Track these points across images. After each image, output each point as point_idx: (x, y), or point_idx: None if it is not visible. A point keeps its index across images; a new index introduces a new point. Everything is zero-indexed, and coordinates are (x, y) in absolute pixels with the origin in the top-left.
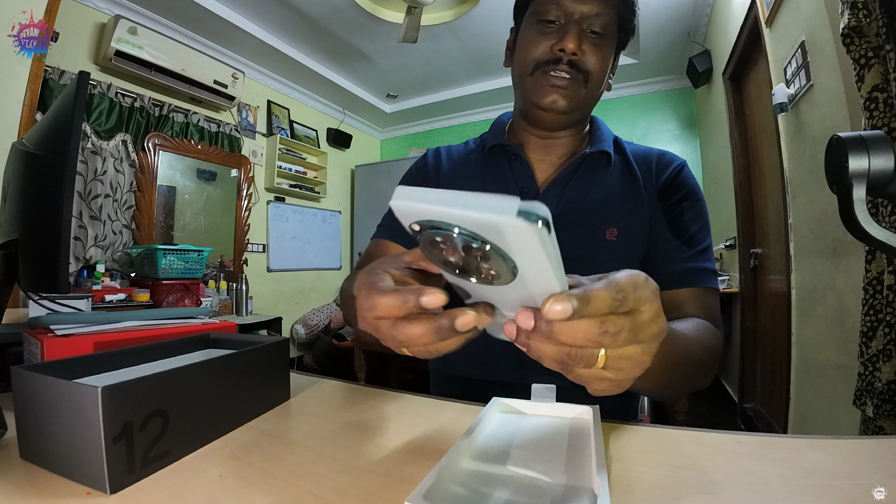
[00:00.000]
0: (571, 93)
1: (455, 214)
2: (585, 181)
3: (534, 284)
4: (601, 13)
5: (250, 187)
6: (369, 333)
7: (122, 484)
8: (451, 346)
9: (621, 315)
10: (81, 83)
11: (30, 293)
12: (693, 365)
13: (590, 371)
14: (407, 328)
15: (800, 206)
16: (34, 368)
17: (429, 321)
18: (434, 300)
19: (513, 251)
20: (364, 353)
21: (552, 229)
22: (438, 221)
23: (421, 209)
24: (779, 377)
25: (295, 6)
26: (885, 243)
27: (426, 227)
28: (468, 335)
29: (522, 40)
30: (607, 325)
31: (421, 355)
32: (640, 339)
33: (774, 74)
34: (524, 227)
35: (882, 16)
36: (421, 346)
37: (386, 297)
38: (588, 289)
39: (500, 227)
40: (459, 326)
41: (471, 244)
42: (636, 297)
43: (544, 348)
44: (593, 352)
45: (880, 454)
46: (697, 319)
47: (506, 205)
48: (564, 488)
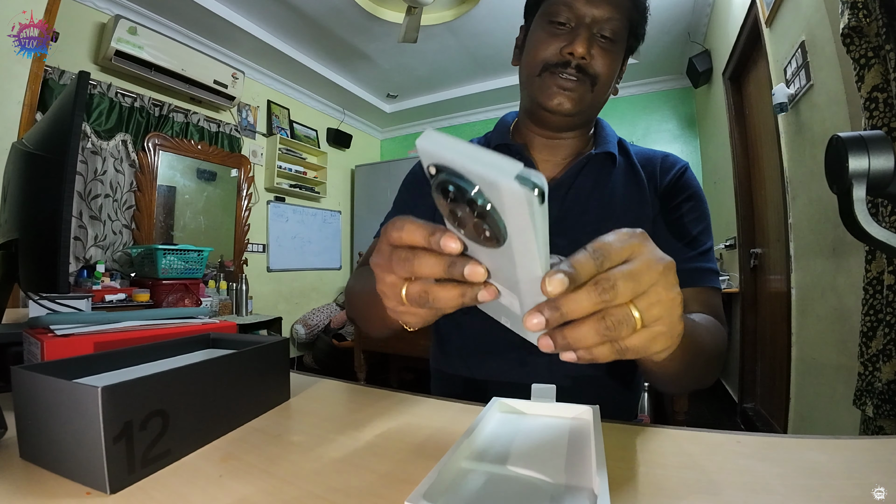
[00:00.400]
0: (578, 96)
1: (465, 165)
2: (590, 182)
3: (519, 254)
4: (612, 18)
5: (250, 187)
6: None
7: (122, 484)
8: (449, 300)
9: (612, 270)
10: (81, 83)
11: (30, 293)
12: (707, 354)
13: (639, 336)
14: (424, 255)
15: (800, 206)
16: (34, 368)
17: (444, 256)
18: (455, 246)
19: (505, 213)
20: (364, 353)
21: (545, 200)
22: (451, 168)
23: (438, 153)
24: (779, 377)
25: (295, 6)
26: (885, 243)
27: (441, 172)
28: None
29: (532, 40)
30: (601, 283)
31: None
32: (651, 281)
33: (774, 74)
34: (518, 190)
35: (882, 16)
36: (428, 276)
37: (418, 224)
38: (567, 259)
39: (498, 185)
40: (469, 272)
41: (475, 199)
42: (617, 249)
43: (578, 335)
44: (625, 311)
45: (880, 454)
46: (704, 316)
47: (509, 167)
48: (564, 488)
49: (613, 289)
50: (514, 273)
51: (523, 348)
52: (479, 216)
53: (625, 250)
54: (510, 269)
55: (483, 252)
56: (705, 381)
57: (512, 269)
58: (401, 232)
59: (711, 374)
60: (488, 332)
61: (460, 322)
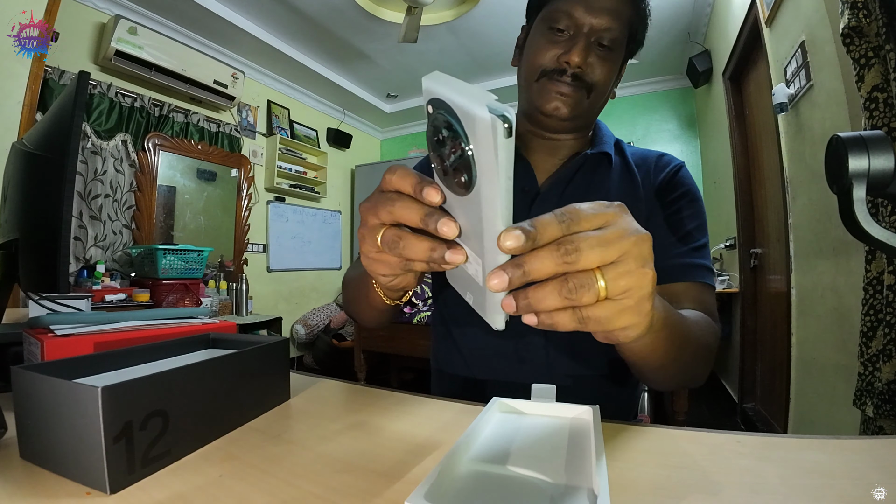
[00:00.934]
0: (574, 102)
1: (451, 97)
2: (586, 182)
3: (485, 201)
4: (611, 28)
5: (250, 187)
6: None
7: (122, 484)
8: (418, 250)
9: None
10: (81, 83)
11: (30, 293)
12: (693, 346)
13: (604, 308)
14: (404, 200)
15: (800, 206)
16: (34, 368)
17: (423, 204)
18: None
19: (476, 142)
20: (364, 353)
21: (512, 135)
22: (441, 101)
23: (435, 89)
24: (779, 377)
25: (295, 6)
26: (885, 243)
27: (436, 109)
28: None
29: (531, 45)
30: (564, 244)
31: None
32: (621, 251)
33: (774, 74)
34: (486, 117)
35: (882, 16)
36: (406, 220)
37: (410, 172)
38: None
39: (471, 112)
40: (441, 224)
41: (459, 141)
42: (588, 215)
43: (539, 295)
44: (588, 277)
45: (880, 454)
46: (695, 311)
47: (484, 98)
48: (564, 488)
49: (578, 251)
50: (481, 230)
51: (523, 348)
52: (458, 157)
53: (598, 217)
54: (477, 226)
55: (458, 208)
56: (694, 375)
57: (479, 226)
58: (393, 175)
59: (700, 370)
60: (488, 331)
61: (461, 321)
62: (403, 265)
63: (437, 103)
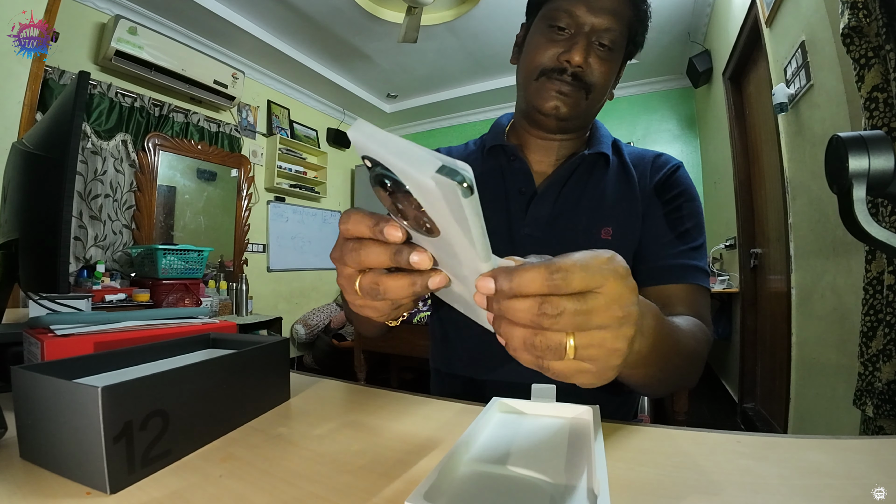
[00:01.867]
0: (573, 101)
1: (389, 160)
2: (582, 182)
3: (457, 245)
4: (611, 28)
5: (250, 187)
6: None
7: (122, 484)
8: (399, 289)
9: (565, 297)
10: (81, 83)
11: (30, 293)
12: (681, 357)
13: (565, 364)
14: (370, 245)
15: (800, 206)
16: (34, 368)
17: (389, 245)
18: (397, 234)
19: (432, 207)
20: (364, 353)
21: (474, 192)
22: (380, 163)
23: (369, 147)
24: (779, 377)
25: (295, 6)
26: (885, 243)
27: (376, 165)
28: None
29: (531, 43)
30: (545, 307)
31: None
32: (601, 324)
33: (774, 74)
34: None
35: (882, 16)
36: (376, 266)
37: (363, 215)
38: (519, 265)
39: (419, 181)
40: (414, 260)
41: (413, 199)
42: (586, 278)
43: (509, 332)
44: (558, 339)
45: (880, 454)
46: (685, 316)
47: (430, 162)
48: (564, 488)
49: (555, 318)
50: (459, 262)
51: None
52: (416, 207)
53: (592, 279)
54: (454, 259)
55: (427, 241)
56: (680, 385)
57: (455, 259)
58: (347, 224)
59: (688, 380)
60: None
61: (459, 322)
62: (390, 305)
63: (375, 161)
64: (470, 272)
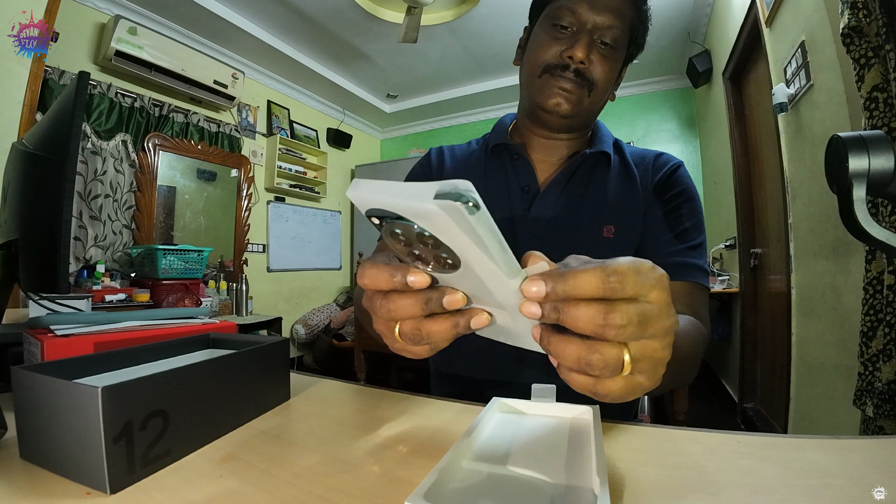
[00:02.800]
0: (576, 98)
1: (391, 202)
2: (584, 181)
3: (480, 269)
4: (614, 26)
5: (250, 187)
6: (378, 332)
7: (122, 484)
8: (441, 333)
9: (628, 302)
10: (81, 83)
11: (30, 293)
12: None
13: (622, 381)
14: (398, 298)
15: (800, 206)
16: (34, 368)
17: (418, 294)
18: (419, 280)
19: (442, 234)
20: (364, 353)
21: (481, 207)
22: (384, 211)
23: (368, 199)
24: (779, 377)
25: (295, 6)
26: (885, 243)
27: (384, 219)
28: (459, 325)
29: (534, 42)
30: (612, 316)
31: (414, 344)
32: (653, 334)
33: (774, 74)
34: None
35: (882, 16)
36: (410, 318)
37: (379, 268)
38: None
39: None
40: (447, 302)
41: (420, 232)
42: (638, 283)
43: (561, 349)
44: (616, 353)
45: (880, 454)
46: (684, 315)
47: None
48: (564, 488)
49: (621, 329)
50: (488, 289)
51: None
52: (432, 247)
53: (643, 285)
54: (483, 288)
55: (453, 278)
56: (677, 384)
57: (485, 288)
58: (364, 279)
59: (684, 379)
60: None
61: None
62: (431, 349)
63: (380, 212)
64: (503, 295)
